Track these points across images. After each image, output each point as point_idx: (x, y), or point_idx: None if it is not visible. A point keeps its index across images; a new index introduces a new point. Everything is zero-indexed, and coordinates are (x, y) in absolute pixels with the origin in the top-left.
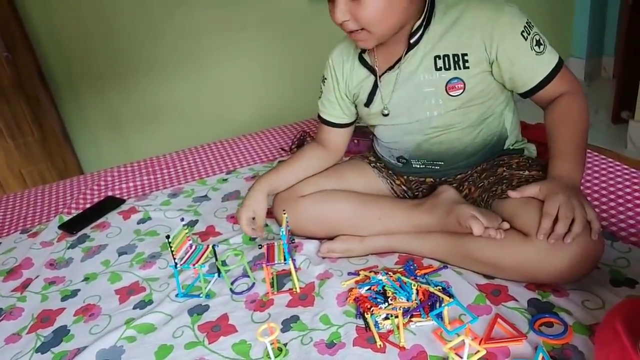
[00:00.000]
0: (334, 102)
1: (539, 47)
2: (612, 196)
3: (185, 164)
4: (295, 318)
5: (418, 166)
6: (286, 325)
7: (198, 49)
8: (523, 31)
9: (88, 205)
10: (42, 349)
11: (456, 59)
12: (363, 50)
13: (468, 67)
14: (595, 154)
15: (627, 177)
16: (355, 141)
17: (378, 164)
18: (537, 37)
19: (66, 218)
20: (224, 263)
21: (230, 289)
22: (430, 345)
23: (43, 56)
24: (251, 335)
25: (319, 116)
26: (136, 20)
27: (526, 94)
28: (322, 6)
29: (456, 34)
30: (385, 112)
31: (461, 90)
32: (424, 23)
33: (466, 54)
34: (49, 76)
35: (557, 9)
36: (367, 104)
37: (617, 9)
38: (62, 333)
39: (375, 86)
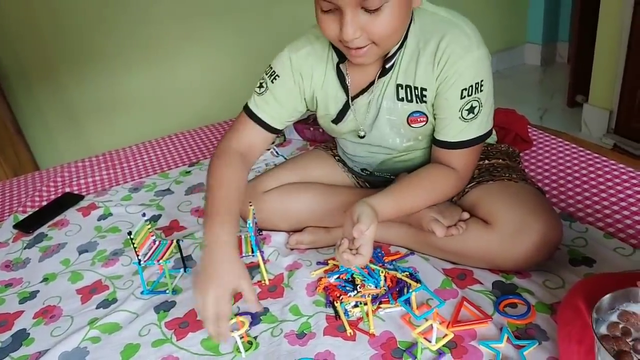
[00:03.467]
0: (282, 102)
1: (468, 114)
2: (569, 178)
3: (146, 157)
4: (264, 310)
5: (381, 176)
6: (256, 318)
7: (156, 36)
8: (465, 89)
9: (44, 203)
10: (1, 354)
11: (417, 92)
12: (341, 61)
13: (426, 102)
14: (552, 136)
15: (582, 159)
16: (321, 130)
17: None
18: (476, 104)
19: (21, 217)
20: (189, 257)
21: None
22: (400, 330)
23: None
24: None
25: (250, 113)
26: (87, 7)
27: (432, 141)
28: None
29: (421, 65)
30: (362, 133)
31: (423, 123)
32: (399, 46)
33: (425, 89)
34: None
35: None
36: (336, 121)
37: None
38: (21, 337)
39: (346, 106)
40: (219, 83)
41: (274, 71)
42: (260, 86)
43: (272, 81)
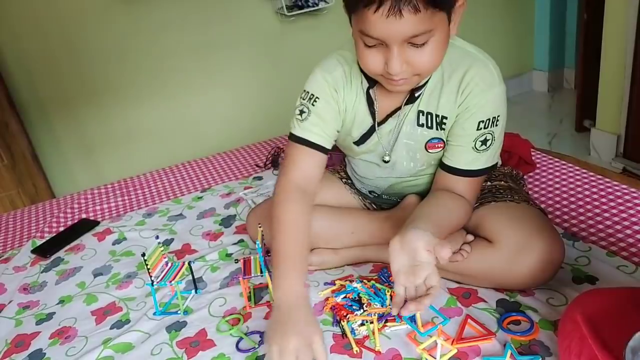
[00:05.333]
0: (327, 121)
1: (481, 145)
2: (573, 199)
3: (160, 184)
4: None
5: (389, 198)
6: (264, 337)
7: (168, 69)
8: (483, 121)
9: (61, 229)
10: None
11: (437, 120)
12: (371, 86)
13: (444, 130)
14: (556, 159)
15: (586, 180)
16: (328, 155)
17: (349, 181)
18: (490, 137)
19: (39, 242)
20: (200, 279)
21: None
22: (405, 348)
23: (10, 80)
24: (230, 349)
25: (300, 140)
26: (103, 42)
27: (440, 165)
28: (292, 25)
29: (445, 94)
30: (387, 158)
31: (440, 149)
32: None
33: (446, 117)
34: (17, 100)
35: (518, 25)
36: (358, 143)
37: (575, 23)
38: (37, 356)
39: (371, 130)
40: (230, 113)
41: (312, 94)
42: (301, 112)
43: (312, 104)
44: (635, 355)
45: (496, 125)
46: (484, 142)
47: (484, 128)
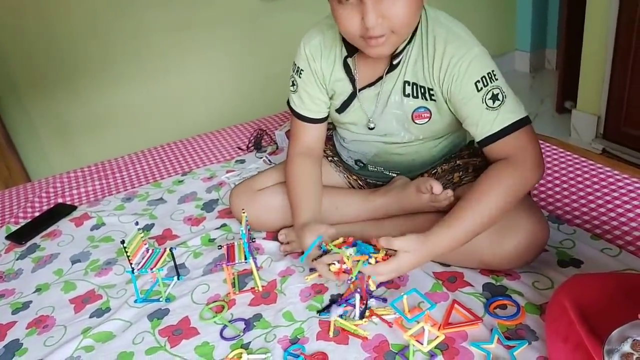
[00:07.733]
0: (314, 95)
1: (493, 102)
2: (557, 181)
3: (139, 167)
4: (258, 316)
5: (375, 170)
6: (249, 324)
7: (147, 49)
8: (478, 81)
9: (37, 214)
10: None
11: (423, 90)
12: (349, 55)
13: (435, 100)
14: (541, 142)
15: (570, 163)
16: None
17: (335, 158)
18: (497, 91)
19: (14, 228)
20: (182, 265)
21: None
22: (392, 334)
23: None
24: (214, 336)
25: (297, 114)
26: (79, 19)
27: (478, 144)
28: (274, 4)
29: (425, 65)
30: (372, 125)
31: (427, 119)
32: (407, 43)
33: (432, 89)
34: None
35: (500, 4)
36: (339, 111)
37: (558, 3)
38: (14, 347)
39: (351, 97)
40: (211, 94)
41: (298, 67)
42: (292, 84)
43: (299, 76)
44: (611, 345)
45: (496, 79)
46: (494, 97)
47: (485, 86)
